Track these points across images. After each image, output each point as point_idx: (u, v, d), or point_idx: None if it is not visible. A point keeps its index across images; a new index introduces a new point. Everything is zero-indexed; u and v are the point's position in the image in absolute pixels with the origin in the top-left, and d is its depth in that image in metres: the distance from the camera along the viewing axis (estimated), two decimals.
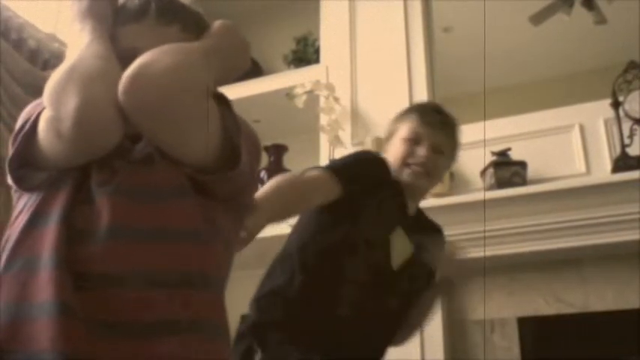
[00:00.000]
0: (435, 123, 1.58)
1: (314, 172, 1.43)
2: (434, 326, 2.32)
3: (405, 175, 1.54)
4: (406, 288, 1.52)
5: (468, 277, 2.47)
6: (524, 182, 2.36)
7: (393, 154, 1.57)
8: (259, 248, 1.53)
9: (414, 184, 1.55)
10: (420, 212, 1.65)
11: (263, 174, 2.92)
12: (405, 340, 1.63)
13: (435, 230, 1.68)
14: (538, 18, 3.30)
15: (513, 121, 2.55)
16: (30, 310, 0.70)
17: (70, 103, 0.75)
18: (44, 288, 0.70)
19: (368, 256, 1.44)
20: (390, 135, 1.63)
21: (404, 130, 1.58)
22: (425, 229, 1.63)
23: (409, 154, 1.54)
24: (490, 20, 3.42)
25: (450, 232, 2.21)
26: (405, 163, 1.54)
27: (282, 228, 1.55)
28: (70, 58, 0.83)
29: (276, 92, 2.92)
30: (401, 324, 1.56)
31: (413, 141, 1.55)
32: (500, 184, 2.34)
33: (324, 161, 2.68)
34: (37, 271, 0.72)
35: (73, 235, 0.73)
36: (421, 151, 1.54)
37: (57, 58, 2.56)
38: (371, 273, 1.44)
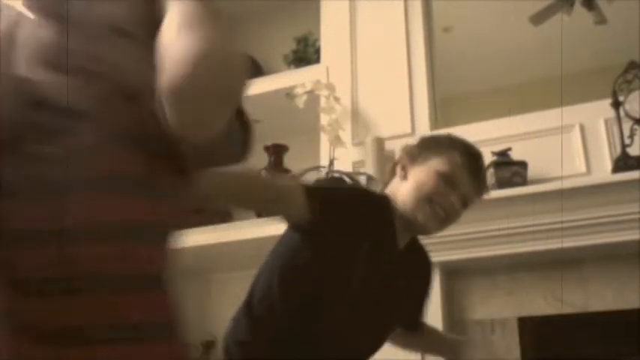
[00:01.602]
0: (476, 173, 1.45)
1: (294, 183, 1.35)
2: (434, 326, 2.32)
3: (423, 212, 1.41)
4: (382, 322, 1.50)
5: (468, 276, 2.47)
6: (524, 182, 2.35)
7: (418, 181, 1.43)
8: (258, 248, 1.53)
9: (426, 225, 1.43)
10: (412, 241, 1.54)
11: (263, 174, 2.93)
12: None
13: (425, 264, 1.63)
14: (538, 18, 3.30)
15: (513, 121, 2.55)
16: None
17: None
18: None
19: (345, 295, 1.36)
20: (417, 158, 1.47)
21: (442, 163, 1.42)
22: (413, 263, 1.55)
23: (439, 192, 1.41)
24: (490, 20, 3.42)
25: (450, 232, 2.22)
26: (429, 198, 1.41)
27: (280, 228, 1.55)
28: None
29: (276, 92, 2.92)
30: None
31: (448, 180, 1.41)
32: (501, 184, 2.34)
33: (324, 161, 2.69)
34: None
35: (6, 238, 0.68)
36: (453, 196, 1.41)
37: None
38: (347, 314, 1.37)
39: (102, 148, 0.72)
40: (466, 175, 1.43)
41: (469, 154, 1.47)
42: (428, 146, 1.49)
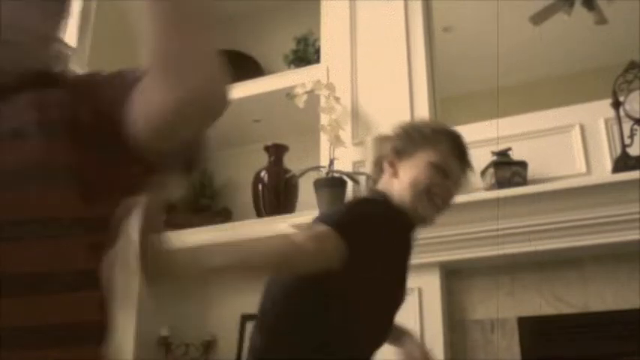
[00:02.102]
0: (463, 156, 1.48)
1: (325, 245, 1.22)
2: (434, 326, 2.32)
3: (423, 205, 1.40)
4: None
5: (468, 276, 2.47)
6: (524, 182, 2.36)
7: (412, 177, 1.42)
8: None
9: (426, 217, 1.43)
10: None
11: (263, 174, 2.93)
12: None
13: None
14: (538, 18, 3.31)
15: (513, 121, 2.55)
16: None
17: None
18: None
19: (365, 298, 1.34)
20: (403, 152, 1.47)
21: (433, 155, 1.43)
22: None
23: (435, 183, 1.41)
24: (490, 20, 3.42)
25: (450, 232, 2.22)
26: (427, 190, 1.41)
27: (280, 227, 1.54)
28: None
29: (276, 92, 2.93)
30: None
31: (441, 169, 1.42)
32: (501, 184, 2.34)
33: (324, 161, 2.69)
34: None
35: None
36: (449, 183, 1.43)
37: None
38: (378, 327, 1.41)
39: (25, 137, 0.69)
40: (455, 161, 1.45)
41: (453, 139, 1.48)
42: (411, 138, 1.48)
